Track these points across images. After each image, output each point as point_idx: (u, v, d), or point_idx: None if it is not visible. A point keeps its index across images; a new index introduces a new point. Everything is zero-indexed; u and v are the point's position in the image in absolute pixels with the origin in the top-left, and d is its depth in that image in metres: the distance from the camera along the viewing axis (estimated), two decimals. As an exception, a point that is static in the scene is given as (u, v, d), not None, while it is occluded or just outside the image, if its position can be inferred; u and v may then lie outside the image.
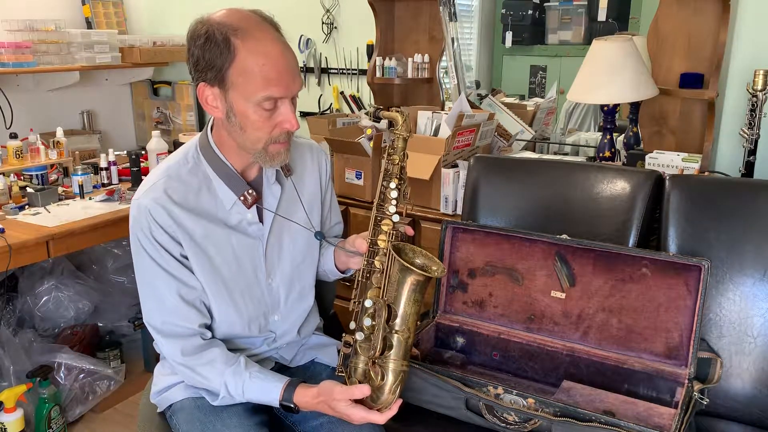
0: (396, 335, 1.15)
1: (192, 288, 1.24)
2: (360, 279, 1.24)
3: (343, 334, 1.23)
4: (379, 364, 1.15)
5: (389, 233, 1.22)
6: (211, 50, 1.12)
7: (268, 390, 1.20)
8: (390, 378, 1.15)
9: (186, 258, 1.23)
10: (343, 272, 1.44)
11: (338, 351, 1.31)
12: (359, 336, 1.19)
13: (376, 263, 1.22)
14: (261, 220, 1.30)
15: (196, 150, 1.27)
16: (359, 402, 1.16)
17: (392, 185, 1.22)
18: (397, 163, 1.22)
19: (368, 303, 1.18)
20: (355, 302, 1.23)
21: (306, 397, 1.18)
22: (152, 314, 1.25)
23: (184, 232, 1.22)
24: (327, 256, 1.43)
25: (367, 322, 1.18)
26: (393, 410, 1.16)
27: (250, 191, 1.25)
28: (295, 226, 1.34)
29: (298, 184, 1.35)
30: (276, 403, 1.20)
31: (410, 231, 1.27)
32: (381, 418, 1.15)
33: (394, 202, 1.22)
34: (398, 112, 1.21)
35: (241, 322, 1.30)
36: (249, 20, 1.13)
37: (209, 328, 1.28)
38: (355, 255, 1.31)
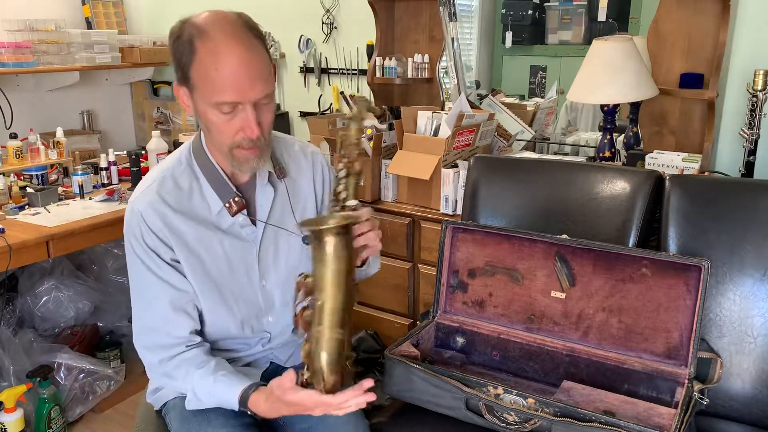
0: (316, 304, 1.06)
1: (183, 292, 1.23)
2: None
3: None
4: (311, 340, 1.06)
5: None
6: (179, 50, 1.13)
7: (228, 398, 1.17)
8: (320, 348, 1.04)
9: (177, 262, 1.23)
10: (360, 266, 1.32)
11: None
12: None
13: None
14: (254, 222, 1.29)
15: (189, 152, 1.27)
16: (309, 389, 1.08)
17: (341, 186, 1.18)
18: (345, 158, 1.18)
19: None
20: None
21: (260, 402, 1.13)
22: (140, 323, 1.25)
23: (175, 236, 1.21)
24: None
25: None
26: (353, 393, 1.05)
27: (236, 198, 1.24)
28: (292, 229, 1.32)
29: (291, 187, 1.33)
30: (236, 409, 1.17)
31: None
32: (333, 400, 1.05)
33: (342, 195, 1.17)
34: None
35: (234, 323, 1.30)
36: (218, 22, 1.12)
37: (200, 332, 1.27)
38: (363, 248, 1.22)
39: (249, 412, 1.16)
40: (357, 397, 1.06)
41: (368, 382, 1.07)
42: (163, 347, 1.23)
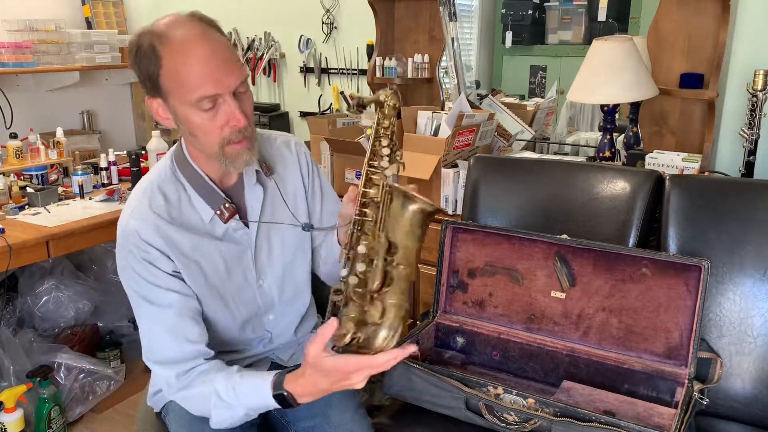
0: (396, 269, 1.03)
1: (190, 297, 1.21)
2: (352, 230, 1.10)
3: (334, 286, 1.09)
4: (379, 299, 1.02)
5: (382, 184, 1.10)
6: (142, 61, 1.10)
7: (259, 386, 1.11)
8: (391, 313, 1.01)
9: (178, 272, 1.20)
10: None
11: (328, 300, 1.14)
12: (353, 280, 1.05)
13: (368, 212, 1.09)
14: (247, 224, 1.27)
15: (171, 162, 1.24)
16: (348, 353, 1.02)
17: (384, 143, 1.12)
18: (388, 126, 1.12)
19: (362, 249, 1.05)
20: (346, 252, 1.10)
21: (297, 380, 1.07)
22: (150, 338, 1.20)
23: (173, 248, 1.19)
24: (330, 244, 1.37)
25: (360, 267, 1.04)
26: (397, 353, 1.00)
27: (226, 205, 1.22)
28: (284, 225, 1.32)
29: (280, 182, 1.31)
30: (270, 398, 1.10)
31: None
32: (376, 360, 0.99)
33: (386, 158, 1.11)
34: (381, 92, 1.11)
35: (235, 325, 1.29)
36: (174, 23, 1.10)
37: (209, 344, 1.23)
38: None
39: (285, 394, 1.08)
40: (399, 357, 1.00)
41: (412, 347, 1.02)
42: (179, 361, 1.18)
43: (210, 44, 1.09)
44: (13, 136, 2.62)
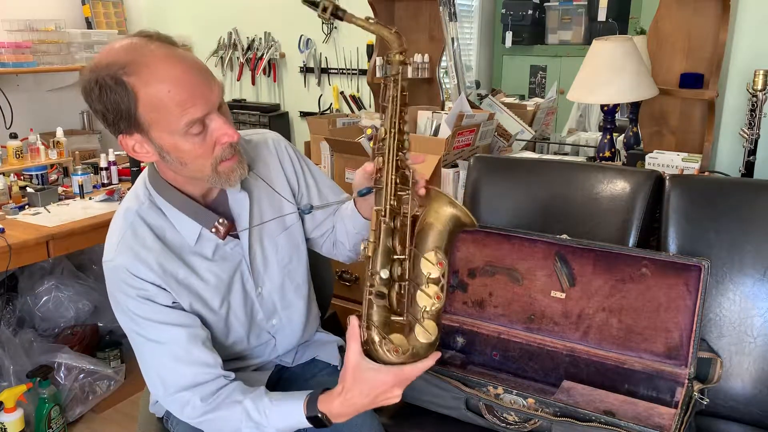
0: (443, 280, 1.03)
1: (195, 327, 1.15)
2: (380, 219, 1.04)
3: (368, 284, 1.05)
4: (430, 318, 1.03)
5: (411, 172, 1.06)
6: (109, 99, 0.99)
7: (292, 408, 1.08)
8: (437, 322, 1.03)
9: (177, 303, 1.15)
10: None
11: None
12: (396, 288, 1.03)
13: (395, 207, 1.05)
14: (237, 236, 1.21)
15: (145, 188, 1.16)
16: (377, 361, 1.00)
17: (406, 118, 1.07)
18: (402, 93, 1.09)
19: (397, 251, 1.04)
20: (372, 243, 1.04)
21: (332, 398, 1.05)
22: (164, 372, 1.13)
23: (168, 277, 1.12)
24: (345, 217, 1.32)
25: (397, 270, 1.03)
26: (437, 356, 1.04)
27: (220, 220, 1.15)
28: (274, 230, 1.28)
29: (264, 185, 1.26)
30: (303, 420, 1.07)
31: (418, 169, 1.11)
32: (420, 367, 1.01)
33: (406, 135, 1.07)
34: (388, 29, 1.06)
35: (237, 337, 1.26)
36: (133, 49, 1.00)
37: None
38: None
39: (320, 415, 1.06)
40: (433, 361, 1.02)
41: (436, 354, 1.05)
42: (201, 383, 1.12)
43: (183, 62, 1.01)
44: (13, 136, 2.63)
